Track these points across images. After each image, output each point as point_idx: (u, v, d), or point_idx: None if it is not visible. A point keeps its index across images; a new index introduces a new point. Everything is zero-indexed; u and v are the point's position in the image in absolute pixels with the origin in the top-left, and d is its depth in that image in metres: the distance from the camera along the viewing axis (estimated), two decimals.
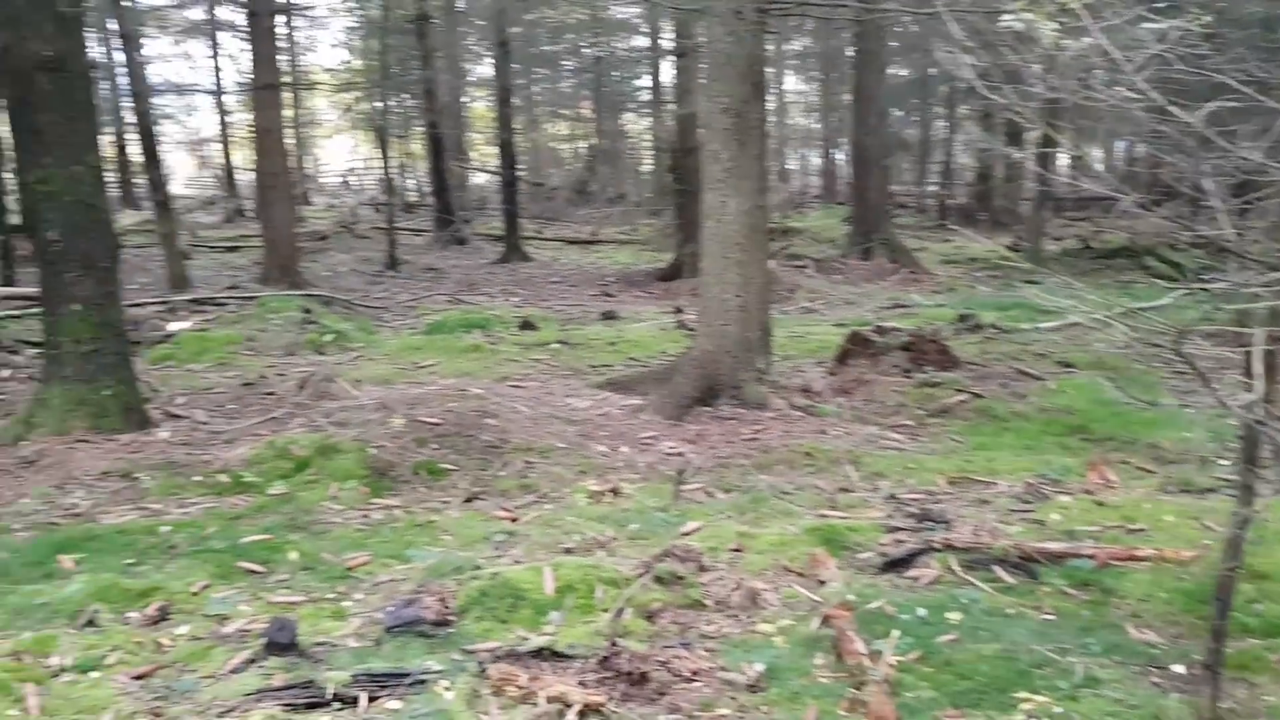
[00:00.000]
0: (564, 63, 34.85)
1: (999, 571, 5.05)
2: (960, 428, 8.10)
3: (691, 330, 10.49)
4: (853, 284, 17.69)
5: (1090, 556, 5.10)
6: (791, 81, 40.07)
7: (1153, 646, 4.31)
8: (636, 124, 37.58)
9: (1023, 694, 3.86)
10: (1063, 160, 27.03)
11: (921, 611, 4.56)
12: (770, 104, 28.79)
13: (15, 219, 16.19)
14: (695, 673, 4.02)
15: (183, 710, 3.87)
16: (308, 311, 13.39)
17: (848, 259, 19.27)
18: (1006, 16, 3.84)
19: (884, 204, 20.67)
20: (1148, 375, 9.58)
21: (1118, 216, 21.22)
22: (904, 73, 29.74)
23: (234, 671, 4.19)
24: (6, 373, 10.60)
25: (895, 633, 4.25)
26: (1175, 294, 10.22)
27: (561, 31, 31.65)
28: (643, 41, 30.50)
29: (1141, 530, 5.54)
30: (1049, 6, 3.68)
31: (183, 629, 4.63)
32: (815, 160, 40.35)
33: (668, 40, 24.35)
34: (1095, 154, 30.94)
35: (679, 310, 14.28)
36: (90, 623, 4.60)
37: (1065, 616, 4.60)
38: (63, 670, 4.19)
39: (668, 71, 27.32)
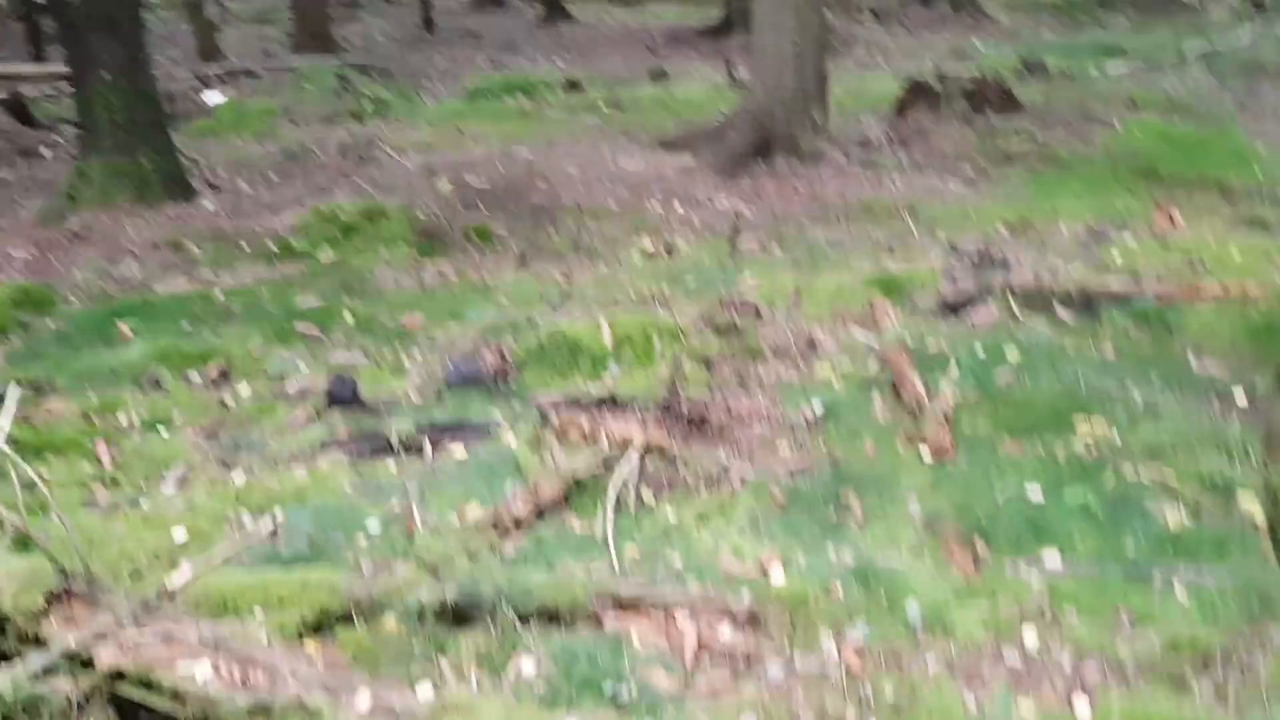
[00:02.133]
0: None
1: (1060, 312, 4.96)
2: (1023, 175, 7.86)
3: (745, 87, 10.13)
4: (913, 34, 16.98)
5: (1154, 295, 4.98)
6: None
7: (1215, 379, 4.27)
8: None
9: (1081, 421, 3.83)
10: None
11: (980, 353, 4.51)
12: None
13: None
14: (754, 414, 4.03)
15: (252, 460, 3.97)
16: (344, 80, 13.11)
17: (907, 8, 18.46)
18: None
19: None
20: (1216, 111, 9.19)
21: None
22: None
23: (298, 426, 4.27)
24: (49, 153, 10.57)
25: (954, 369, 4.22)
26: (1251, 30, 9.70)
27: None
28: None
29: (1207, 268, 5.39)
30: None
31: (245, 389, 4.71)
32: None
33: None
34: None
35: (730, 63, 13.79)
36: (155, 384, 4.69)
37: (1126, 354, 4.53)
38: (131, 428, 4.30)
39: None
